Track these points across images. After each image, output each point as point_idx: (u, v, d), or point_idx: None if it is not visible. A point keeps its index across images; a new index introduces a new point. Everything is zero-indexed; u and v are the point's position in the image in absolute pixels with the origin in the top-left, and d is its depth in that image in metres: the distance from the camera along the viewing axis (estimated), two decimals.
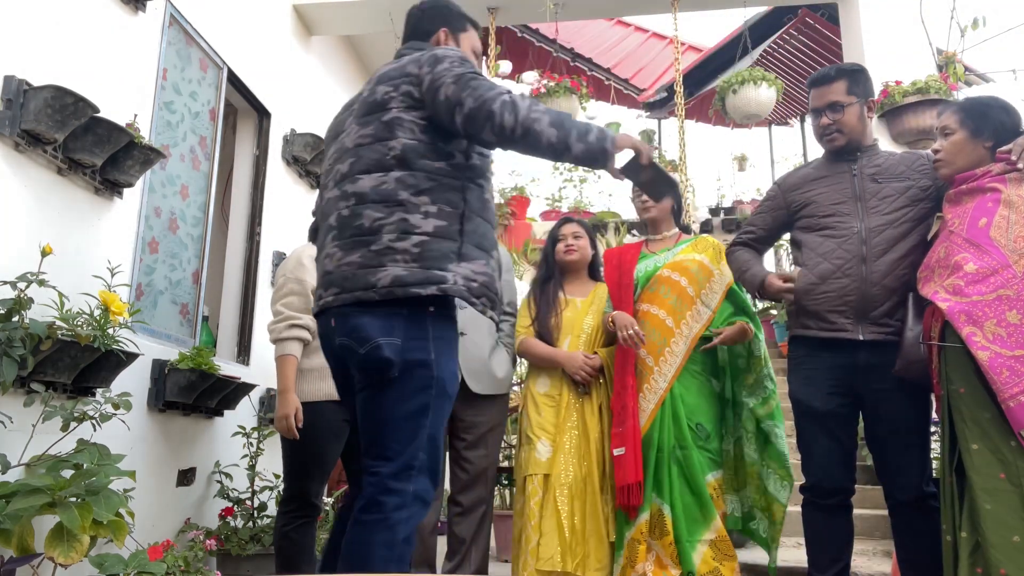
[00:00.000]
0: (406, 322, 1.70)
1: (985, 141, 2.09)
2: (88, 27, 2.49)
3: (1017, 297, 1.86)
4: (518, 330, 2.96)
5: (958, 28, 4.00)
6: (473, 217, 1.78)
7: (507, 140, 1.69)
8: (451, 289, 1.70)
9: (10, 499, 1.79)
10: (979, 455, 1.86)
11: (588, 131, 1.68)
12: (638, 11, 5.30)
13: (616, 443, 2.61)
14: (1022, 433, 1.76)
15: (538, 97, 4.36)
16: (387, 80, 1.79)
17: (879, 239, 2.28)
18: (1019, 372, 1.80)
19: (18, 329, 1.92)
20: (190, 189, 3.09)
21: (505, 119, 1.65)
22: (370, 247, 1.70)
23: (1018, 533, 1.76)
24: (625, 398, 2.62)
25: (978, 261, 1.94)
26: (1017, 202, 1.96)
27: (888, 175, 2.34)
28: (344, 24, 4.56)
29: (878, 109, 3.92)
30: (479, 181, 1.81)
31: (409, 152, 1.73)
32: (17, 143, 2.13)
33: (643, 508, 2.58)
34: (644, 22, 10.47)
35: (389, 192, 1.71)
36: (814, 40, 7.77)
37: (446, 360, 1.76)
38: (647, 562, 2.55)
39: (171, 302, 2.94)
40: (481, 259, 1.77)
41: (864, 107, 2.37)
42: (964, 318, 1.90)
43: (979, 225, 1.99)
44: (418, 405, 1.70)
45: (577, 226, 3.03)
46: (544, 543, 2.65)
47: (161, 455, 2.75)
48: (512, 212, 7.81)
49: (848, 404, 2.33)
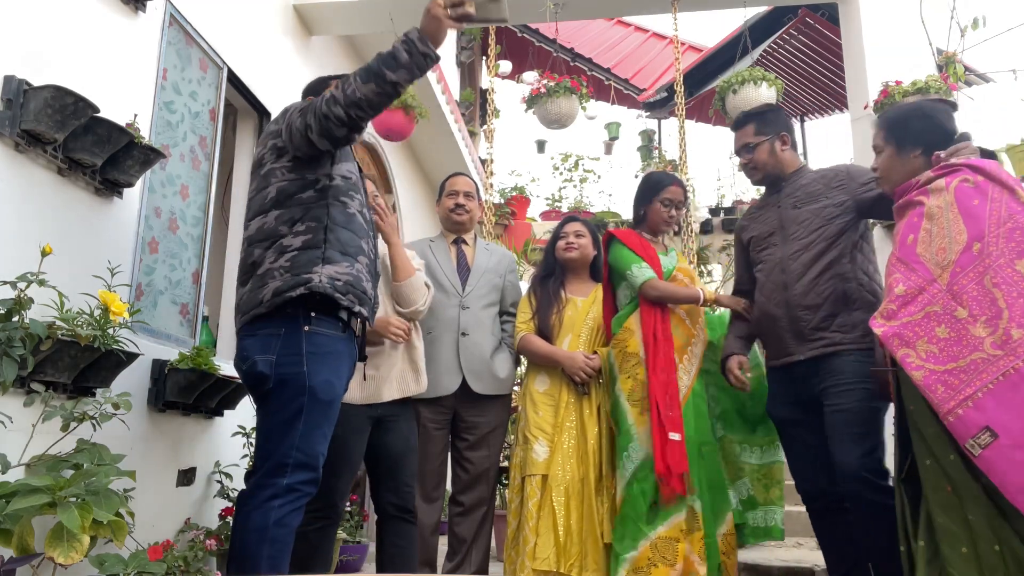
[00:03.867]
0: (282, 341, 1.96)
1: (912, 151, 2.11)
2: (88, 27, 2.49)
3: (944, 312, 1.87)
4: (518, 326, 2.95)
5: (958, 28, 4.00)
6: (336, 228, 2.04)
7: (354, 121, 1.94)
8: (316, 286, 1.95)
9: (10, 499, 1.78)
10: (930, 470, 1.90)
11: (395, 55, 1.90)
12: (638, 11, 5.30)
13: (672, 427, 2.52)
14: (967, 446, 1.75)
15: (538, 97, 4.35)
16: (260, 143, 2.16)
17: (796, 264, 2.45)
18: (953, 386, 1.80)
19: (18, 329, 1.92)
20: (190, 189, 3.09)
21: (335, 111, 1.92)
22: (256, 273, 2.01)
23: (966, 545, 1.79)
24: (675, 388, 2.59)
25: (907, 282, 1.96)
26: (936, 213, 1.96)
27: (806, 199, 2.51)
28: (344, 24, 4.56)
29: (878, 109, 3.93)
30: (342, 199, 2.09)
31: (281, 193, 2.04)
32: (17, 143, 2.13)
33: (679, 505, 2.53)
34: (644, 22, 10.48)
35: (270, 230, 2.03)
36: (814, 40, 7.77)
37: (319, 371, 1.96)
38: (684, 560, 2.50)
39: (171, 302, 2.94)
40: (345, 262, 2.03)
41: (775, 142, 2.58)
42: (897, 341, 1.92)
43: (907, 242, 2.01)
44: (291, 412, 1.93)
45: (580, 225, 3.03)
46: (540, 544, 2.65)
47: (161, 455, 2.75)
48: (512, 212, 7.81)
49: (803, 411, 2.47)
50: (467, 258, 3.05)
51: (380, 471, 2.58)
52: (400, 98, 4.26)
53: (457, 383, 2.84)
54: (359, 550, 3.76)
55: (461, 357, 2.86)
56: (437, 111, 5.65)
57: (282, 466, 1.91)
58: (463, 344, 2.87)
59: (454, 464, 2.95)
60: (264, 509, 1.87)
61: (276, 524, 1.86)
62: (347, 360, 2.10)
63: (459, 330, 2.87)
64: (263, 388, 1.97)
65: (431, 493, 2.83)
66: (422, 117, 4.46)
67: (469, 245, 3.09)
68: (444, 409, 2.86)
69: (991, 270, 1.82)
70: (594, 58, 9.66)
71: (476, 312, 2.93)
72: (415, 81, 1.97)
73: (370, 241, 2.19)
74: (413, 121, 4.41)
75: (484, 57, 7.30)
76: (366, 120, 1.98)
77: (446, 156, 6.35)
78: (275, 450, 1.92)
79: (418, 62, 1.91)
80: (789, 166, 2.59)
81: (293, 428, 1.92)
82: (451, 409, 2.87)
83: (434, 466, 2.84)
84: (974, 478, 1.79)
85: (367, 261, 2.13)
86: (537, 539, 2.66)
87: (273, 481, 1.90)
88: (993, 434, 1.72)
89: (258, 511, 1.88)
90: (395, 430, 2.57)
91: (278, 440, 1.93)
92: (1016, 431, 1.70)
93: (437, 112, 5.65)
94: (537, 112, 4.41)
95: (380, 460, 2.57)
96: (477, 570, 2.81)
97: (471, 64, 9.23)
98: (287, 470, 1.90)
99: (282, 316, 1.98)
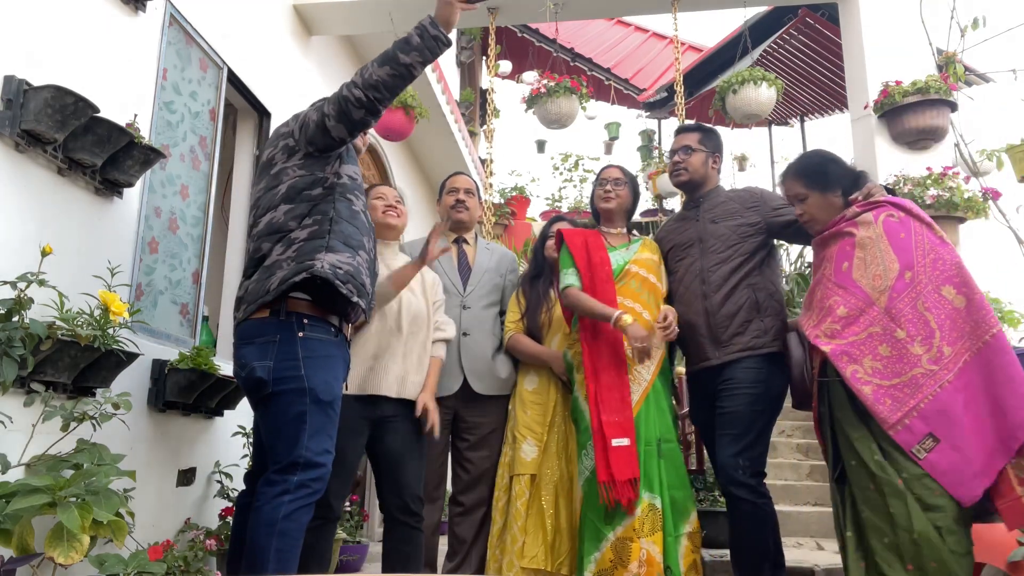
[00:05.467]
0: (278, 347, 2.03)
1: (834, 193, 2.37)
2: (88, 27, 2.49)
3: (884, 332, 2.13)
4: (507, 326, 2.96)
5: (958, 28, 3.99)
6: (341, 221, 2.12)
7: (371, 102, 2.05)
8: (318, 271, 2.01)
9: (10, 499, 1.78)
10: (855, 470, 2.16)
11: (408, 40, 2.04)
12: (638, 11, 5.30)
13: (616, 432, 2.48)
14: (912, 451, 2.02)
15: (538, 97, 4.35)
16: (269, 145, 2.25)
17: (715, 276, 2.64)
18: (899, 399, 2.07)
19: (18, 329, 1.92)
20: (190, 189, 3.09)
21: (354, 92, 2.05)
22: (264, 265, 2.08)
23: (888, 536, 2.05)
24: (623, 390, 2.57)
25: (847, 304, 2.20)
26: (868, 243, 2.22)
27: (724, 216, 2.72)
28: (344, 24, 4.56)
29: (878, 109, 3.94)
30: (348, 196, 2.18)
31: (291, 189, 2.12)
32: (17, 143, 2.13)
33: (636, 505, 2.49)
34: (644, 22, 10.49)
35: (279, 224, 2.09)
36: (814, 40, 7.77)
37: (316, 372, 2.04)
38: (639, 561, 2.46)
39: (171, 302, 2.94)
40: (347, 252, 2.09)
41: (711, 157, 2.81)
42: (846, 359, 2.16)
43: (843, 269, 2.25)
44: (294, 414, 2.00)
45: (567, 225, 3.04)
46: (529, 543, 2.65)
47: (161, 455, 2.75)
48: (512, 212, 7.81)
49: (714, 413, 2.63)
50: (468, 258, 3.05)
51: (380, 473, 2.56)
52: (400, 98, 4.28)
53: (458, 383, 2.84)
54: (359, 550, 3.75)
55: (462, 357, 2.85)
56: (437, 111, 5.65)
57: (293, 465, 1.98)
58: (464, 344, 2.87)
59: (454, 464, 2.94)
60: (274, 504, 1.94)
61: (285, 518, 1.93)
62: (341, 362, 2.18)
63: (460, 330, 2.87)
64: (262, 393, 2.04)
65: (432, 493, 2.82)
66: (422, 117, 4.46)
67: (470, 245, 3.09)
68: (445, 409, 2.85)
69: (921, 296, 2.13)
70: (594, 58, 9.66)
71: (477, 312, 2.93)
72: (428, 64, 2.08)
73: (371, 240, 2.26)
74: (413, 121, 4.42)
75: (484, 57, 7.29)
76: (382, 103, 2.08)
77: (446, 156, 6.35)
78: (286, 451, 1.99)
79: (429, 45, 2.03)
80: (710, 182, 2.83)
81: (300, 429, 1.99)
82: (452, 409, 2.87)
83: (434, 466, 2.84)
84: (897, 473, 2.05)
85: (367, 257, 2.19)
86: (526, 538, 2.67)
87: (284, 478, 1.97)
88: (935, 439, 2.02)
89: (268, 506, 1.94)
90: (394, 431, 2.54)
91: (287, 441, 2.00)
92: (953, 435, 2.01)
93: (437, 112, 5.66)
94: (537, 112, 4.41)
95: (379, 462, 2.55)
96: (477, 570, 2.81)
97: (471, 64, 9.24)
98: (298, 468, 1.98)
99: (277, 323, 2.05)
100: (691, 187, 2.83)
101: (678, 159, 2.82)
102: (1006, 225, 3.61)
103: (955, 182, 3.63)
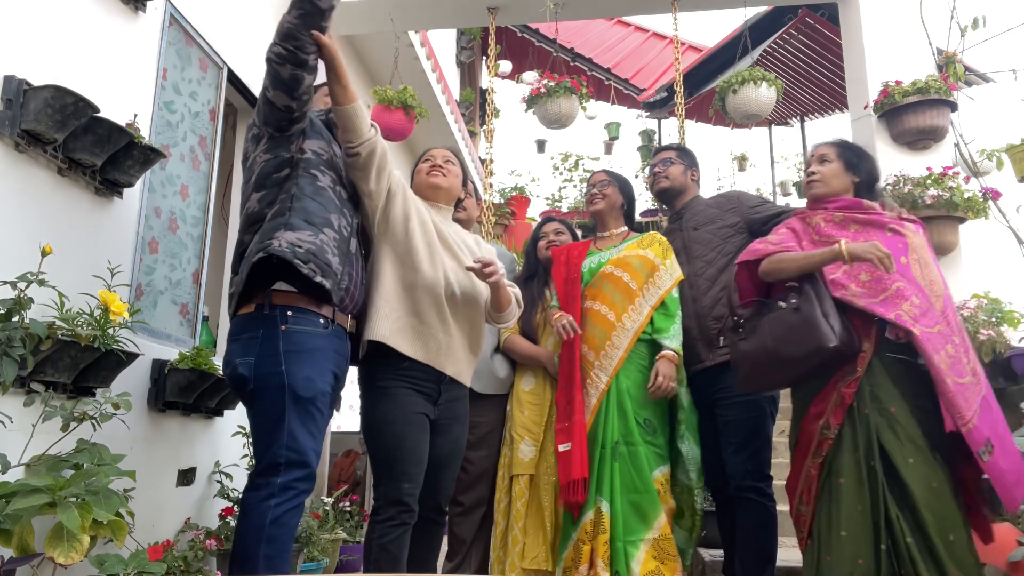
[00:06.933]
0: (260, 343, 1.98)
1: (854, 176, 2.39)
2: (88, 27, 2.49)
3: (946, 334, 2.13)
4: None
5: (958, 28, 4.00)
6: (303, 198, 2.05)
7: (292, 52, 1.97)
8: (275, 250, 1.93)
9: (10, 499, 1.78)
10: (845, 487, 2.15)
11: None
12: (638, 11, 5.30)
13: (561, 439, 2.58)
14: (978, 453, 2.01)
15: (538, 97, 4.35)
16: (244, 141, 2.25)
17: (702, 280, 2.72)
18: (967, 399, 2.06)
19: (18, 329, 1.92)
20: (190, 189, 3.09)
21: (275, 51, 1.99)
22: (245, 257, 2.05)
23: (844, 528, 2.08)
24: (572, 392, 2.59)
25: (918, 295, 2.16)
26: (920, 249, 2.25)
27: (704, 221, 2.82)
28: (344, 24, 4.56)
29: (878, 109, 3.94)
30: (312, 171, 2.12)
31: (260, 176, 2.10)
32: (17, 143, 2.12)
33: (587, 507, 2.52)
34: (644, 22, 10.49)
35: (255, 213, 2.08)
36: (814, 40, 7.77)
37: (298, 369, 1.97)
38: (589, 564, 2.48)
39: (171, 302, 2.94)
40: (308, 231, 2.01)
41: (688, 170, 2.96)
42: (931, 346, 2.09)
43: (902, 262, 2.21)
44: (276, 412, 1.95)
45: (559, 224, 3.06)
46: (530, 543, 2.66)
47: (161, 455, 2.75)
48: (512, 212, 7.81)
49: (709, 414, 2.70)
50: None
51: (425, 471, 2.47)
52: (400, 98, 4.28)
53: None
54: (359, 550, 3.76)
55: None
56: (437, 111, 5.65)
57: (275, 466, 1.93)
58: None
59: None
60: (261, 509, 1.89)
61: (273, 523, 1.87)
62: (331, 355, 2.07)
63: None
64: (245, 390, 2.00)
65: None
66: (422, 117, 4.46)
67: None
68: None
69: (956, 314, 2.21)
70: (594, 58, 9.67)
71: None
72: (325, 12, 2.00)
73: (343, 218, 2.14)
74: (413, 121, 4.41)
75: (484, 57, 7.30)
76: (303, 51, 1.97)
77: None
78: (267, 451, 1.95)
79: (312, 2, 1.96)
80: (689, 192, 2.95)
81: (280, 428, 1.94)
82: None
83: None
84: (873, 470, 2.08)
85: (335, 235, 2.07)
86: (526, 539, 2.67)
87: (268, 481, 1.92)
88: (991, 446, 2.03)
89: (255, 511, 1.89)
90: (447, 433, 2.35)
91: (268, 440, 1.95)
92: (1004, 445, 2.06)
93: (437, 112, 5.66)
94: (537, 112, 4.41)
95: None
96: (477, 570, 2.82)
97: (471, 64, 9.24)
98: (280, 469, 1.92)
99: (261, 318, 2.00)
100: (671, 195, 2.96)
101: (658, 169, 2.98)
102: (1006, 225, 3.61)
103: (955, 182, 3.63)
